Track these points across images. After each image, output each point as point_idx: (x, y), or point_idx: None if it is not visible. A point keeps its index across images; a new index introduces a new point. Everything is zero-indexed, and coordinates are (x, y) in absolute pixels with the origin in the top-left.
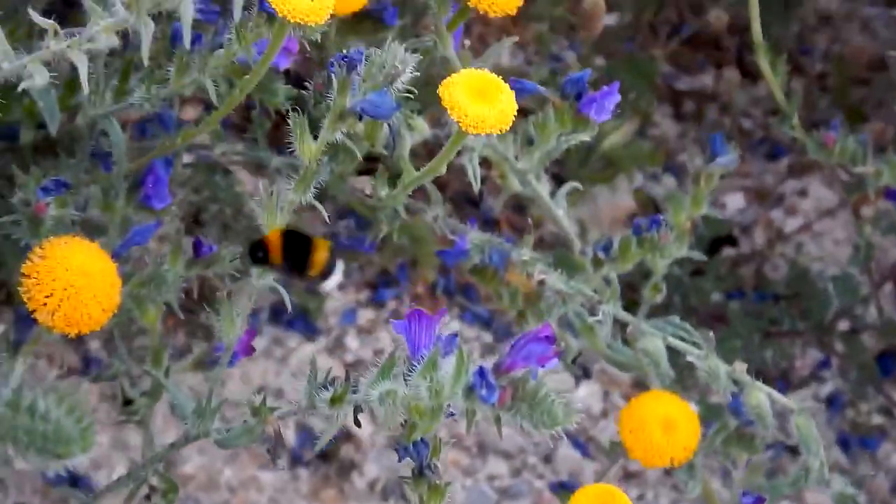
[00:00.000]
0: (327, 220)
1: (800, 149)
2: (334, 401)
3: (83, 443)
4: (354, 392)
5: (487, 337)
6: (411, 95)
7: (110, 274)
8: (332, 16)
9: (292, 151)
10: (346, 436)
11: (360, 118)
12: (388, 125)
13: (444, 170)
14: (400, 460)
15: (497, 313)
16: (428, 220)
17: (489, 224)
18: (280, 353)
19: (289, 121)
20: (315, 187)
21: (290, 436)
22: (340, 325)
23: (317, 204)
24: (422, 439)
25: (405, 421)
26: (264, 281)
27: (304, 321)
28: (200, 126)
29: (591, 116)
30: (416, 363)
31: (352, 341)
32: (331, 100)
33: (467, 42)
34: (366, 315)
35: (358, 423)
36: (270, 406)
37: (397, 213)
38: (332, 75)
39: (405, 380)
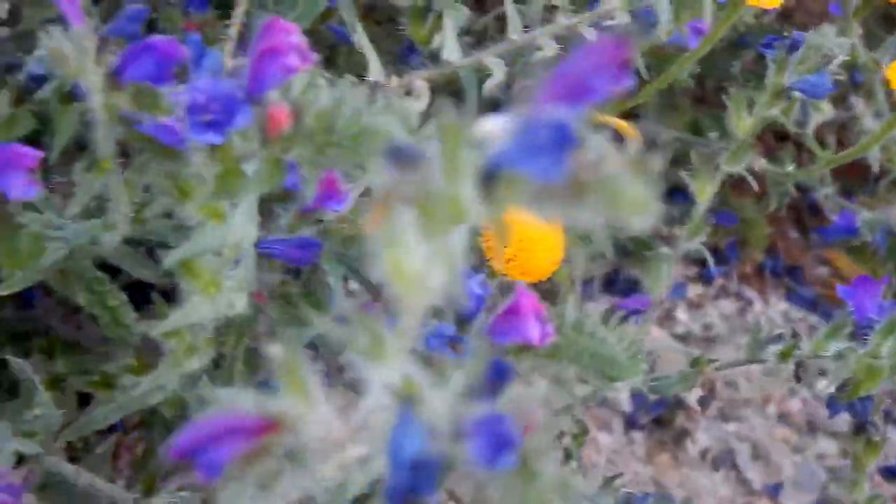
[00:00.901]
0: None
1: None
2: (783, 355)
3: (633, 370)
4: (799, 349)
5: (813, 319)
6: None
7: (555, 237)
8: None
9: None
10: (678, 404)
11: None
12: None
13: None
14: (833, 416)
15: (823, 296)
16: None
17: None
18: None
19: None
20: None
21: (624, 400)
22: (670, 297)
23: (747, 175)
24: (866, 396)
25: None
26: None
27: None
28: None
29: None
30: (865, 326)
31: (681, 314)
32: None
33: None
34: (695, 290)
35: (799, 379)
36: (709, 358)
37: (786, 190)
38: (767, 55)
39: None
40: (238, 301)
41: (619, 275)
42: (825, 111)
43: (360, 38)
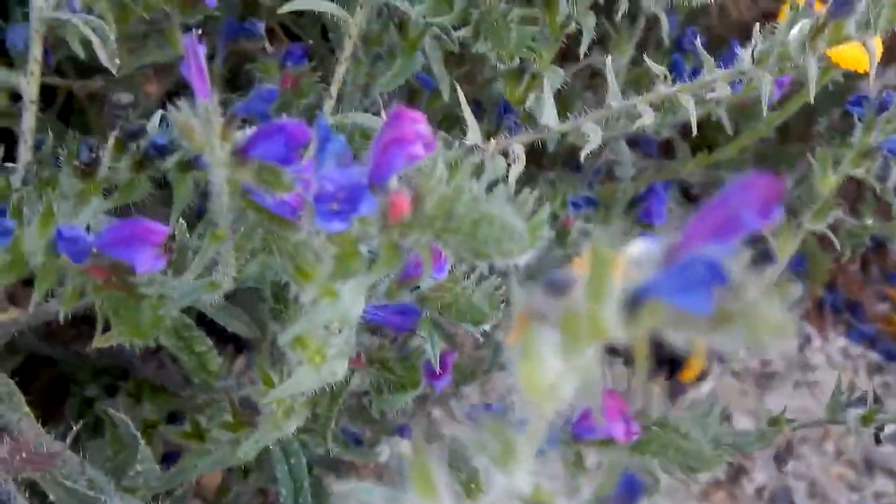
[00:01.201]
0: (837, 248)
1: None
2: (865, 419)
3: (717, 462)
4: (882, 413)
5: (874, 356)
6: None
7: None
8: None
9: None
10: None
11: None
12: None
13: None
14: None
15: (883, 332)
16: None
17: None
18: None
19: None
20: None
21: None
22: None
23: (829, 234)
24: None
25: None
26: None
27: None
28: (714, 154)
29: None
30: None
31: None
32: (854, 137)
33: None
34: None
35: (878, 441)
36: (788, 418)
37: (862, 242)
38: (855, 113)
39: None
40: (339, 368)
41: None
42: None
43: (462, 102)
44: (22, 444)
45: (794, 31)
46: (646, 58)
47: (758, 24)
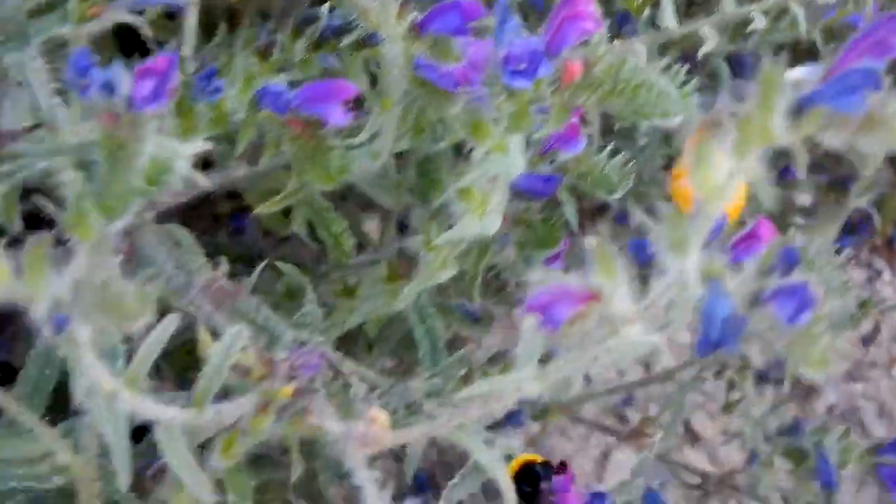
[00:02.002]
0: None
1: None
2: None
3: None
4: None
5: None
6: None
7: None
8: None
9: None
10: None
11: None
12: None
13: None
14: None
15: None
16: None
17: None
18: None
19: None
20: None
21: (756, 356)
22: None
23: None
24: None
25: None
26: None
27: None
28: None
29: None
30: None
31: None
32: None
33: None
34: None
35: None
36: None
37: None
38: None
39: None
40: (495, 222)
41: None
42: None
43: None
44: (214, 278)
45: None
46: None
47: None
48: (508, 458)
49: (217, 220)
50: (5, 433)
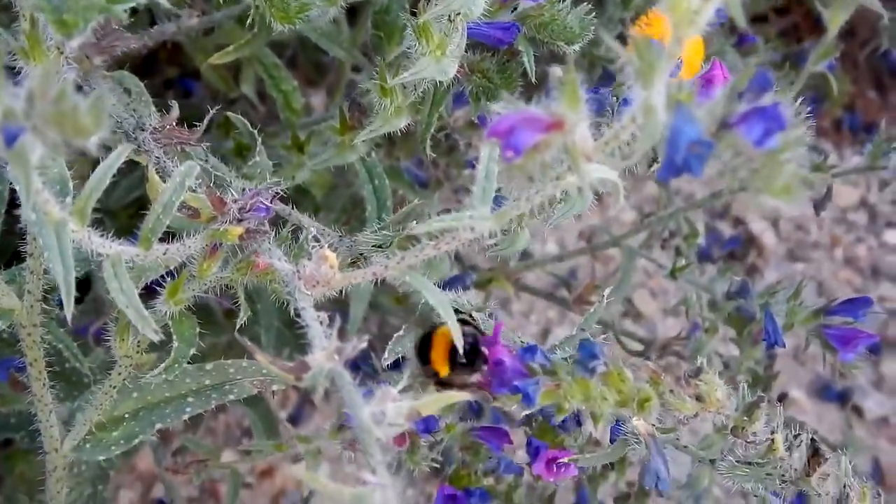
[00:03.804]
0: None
1: None
2: None
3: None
4: None
5: (886, 173)
6: None
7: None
8: None
9: None
10: (753, 242)
11: None
12: None
13: None
14: None
15: None
16: None
17: None
18: None
19: None
20: None
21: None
22: None
23: (880, 8)
24: None
25: None
26: None
27: None
28: None
29: None
30: None
31: None
32: None
33: None
34: None
35: None
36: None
37: None
38: None
39: None
40: (451, 69)
41: None
42: None
43: None
44: (167, 120)
45: None
46: None
47: None
48: (457, 312)
49: (167, 85)
50: None
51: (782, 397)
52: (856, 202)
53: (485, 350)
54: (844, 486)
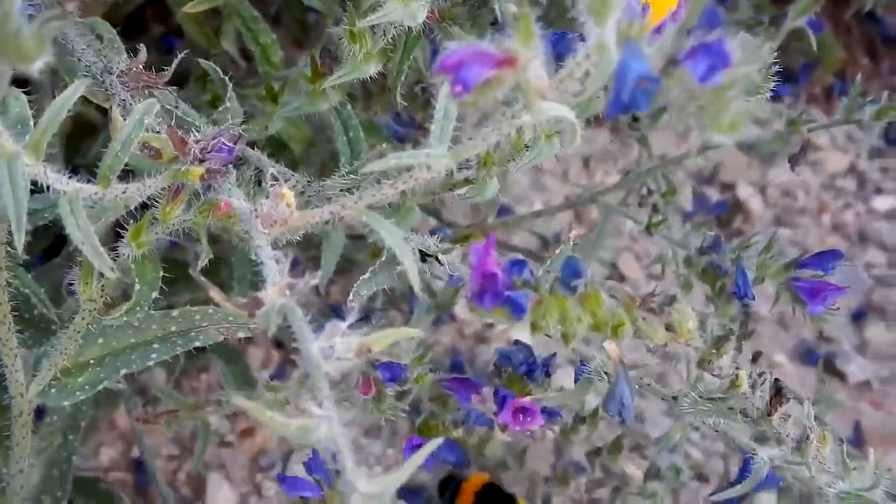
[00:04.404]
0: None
1: None
2: (878, 114)
3: None
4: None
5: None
6: None
7: None
8: None
9: None
10: (739, 207)
11: None
12: None
13: None
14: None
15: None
16: None
17: None
18: None
19: None
20: None
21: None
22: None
23: None
24: None
25: None
26: None
27: None
28: None
29: None
30: None
31: None
32: None
33: None
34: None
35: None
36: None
37: None
38: None
39: None
40: (420, 13)
41: None
42: None
43: None
44: (134, 63)
45: None
46: None
47: None
48: (422, 254)
49: (148, 45)
50: None
51: (757, 356)
52: (845, 168)
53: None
54: (806, 429)
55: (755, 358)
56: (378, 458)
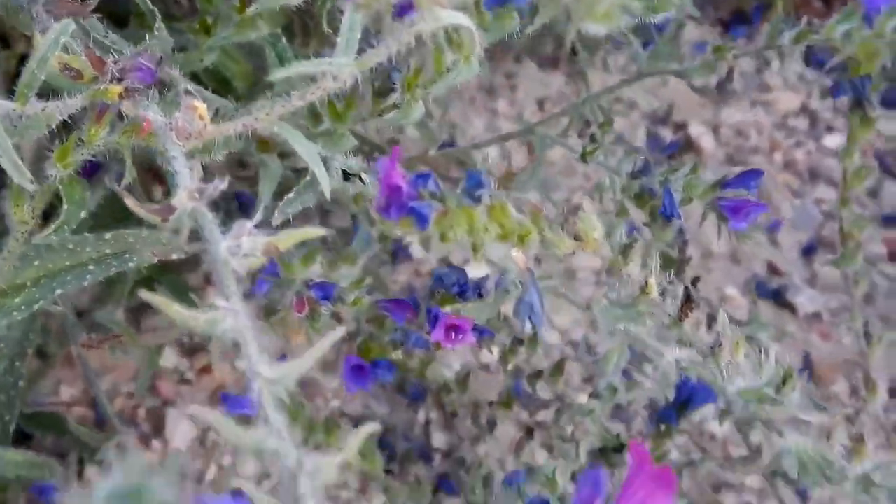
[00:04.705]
0: None
1: None
2: (797, 39)
3: None
4: (815, 34)
5: (827, 81)
6: None
7: None
8: None
9: None
10: (691, 146)
11: None
12: None
13: None
14: (836, 97)
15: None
16: None
17: None
18: None
19: None
20: None
21: (640, 138)
22: (692, 53)
23: None
24: (866, 75)
25: None
26: None
27: None
28: None
29: None
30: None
31: None
32: None
33: None
34: None
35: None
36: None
37: None
38: None
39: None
40: None
41: None
42: None
43: None
44: None
45: None
46: None
47: None
48: (345, 174)
49: None
50: None
51: (696, 280)
52: (797, 108)
53: None
54: (718, 335)
55: (694, 282)
56: (335, 393)
